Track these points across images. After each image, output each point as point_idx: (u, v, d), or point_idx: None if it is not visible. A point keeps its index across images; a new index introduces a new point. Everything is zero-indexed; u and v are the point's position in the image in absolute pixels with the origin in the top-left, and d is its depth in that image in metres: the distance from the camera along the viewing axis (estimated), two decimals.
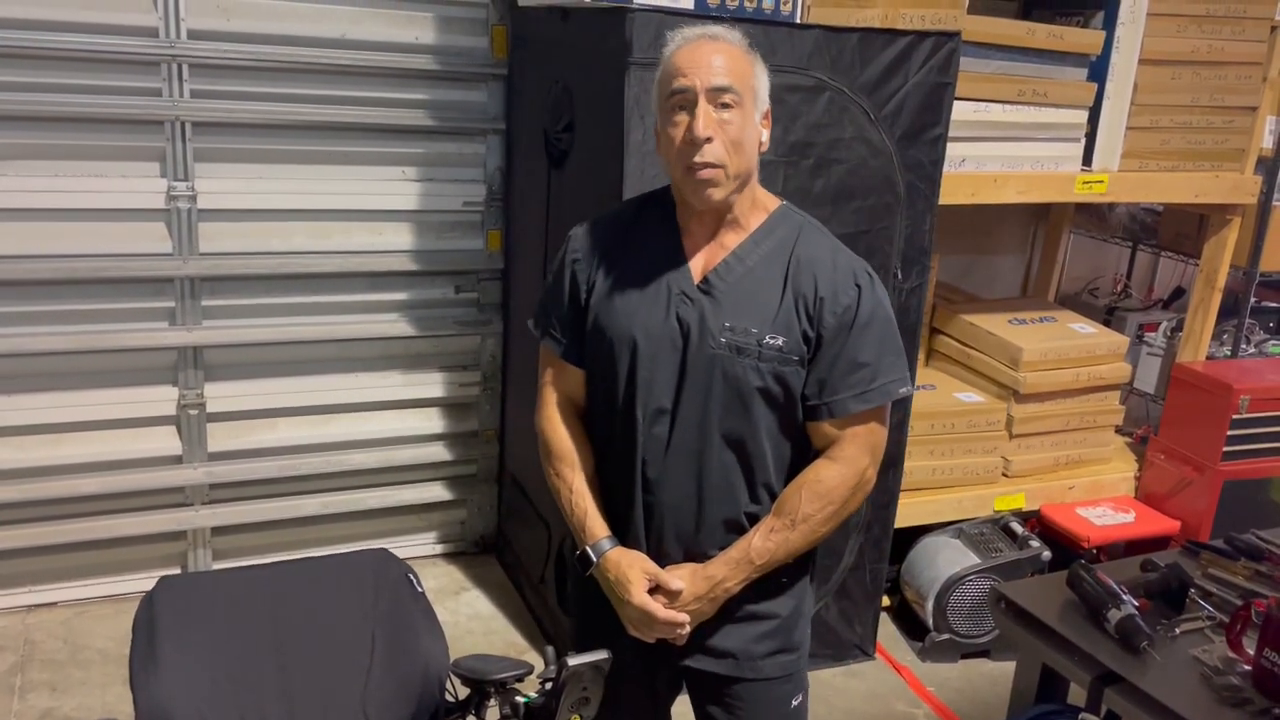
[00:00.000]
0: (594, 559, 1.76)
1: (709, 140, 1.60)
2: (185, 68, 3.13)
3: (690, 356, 1.69)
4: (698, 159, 1.60)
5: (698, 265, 1.72)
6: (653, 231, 1.77)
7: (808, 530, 1.71)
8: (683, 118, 1.62)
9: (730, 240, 1.72)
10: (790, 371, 1.68)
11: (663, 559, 1.76)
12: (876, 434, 1.75)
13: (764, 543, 1.71)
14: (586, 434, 1.84)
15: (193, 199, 3.22)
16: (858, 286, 1.69)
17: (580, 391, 1.84)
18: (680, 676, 1.89)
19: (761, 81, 1.68)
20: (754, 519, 1.75)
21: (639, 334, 1.70)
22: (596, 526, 1.77)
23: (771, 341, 1.67)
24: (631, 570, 1.73)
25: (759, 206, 1.74)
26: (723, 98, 1.61)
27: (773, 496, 1.75)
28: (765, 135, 1.70)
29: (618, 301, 1.73)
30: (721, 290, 1.69)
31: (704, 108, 1.60)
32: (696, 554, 1.75)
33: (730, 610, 1.77)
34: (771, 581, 1.78)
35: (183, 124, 3.15)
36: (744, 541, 1.72)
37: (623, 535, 1.78)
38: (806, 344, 1.68)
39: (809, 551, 1.80)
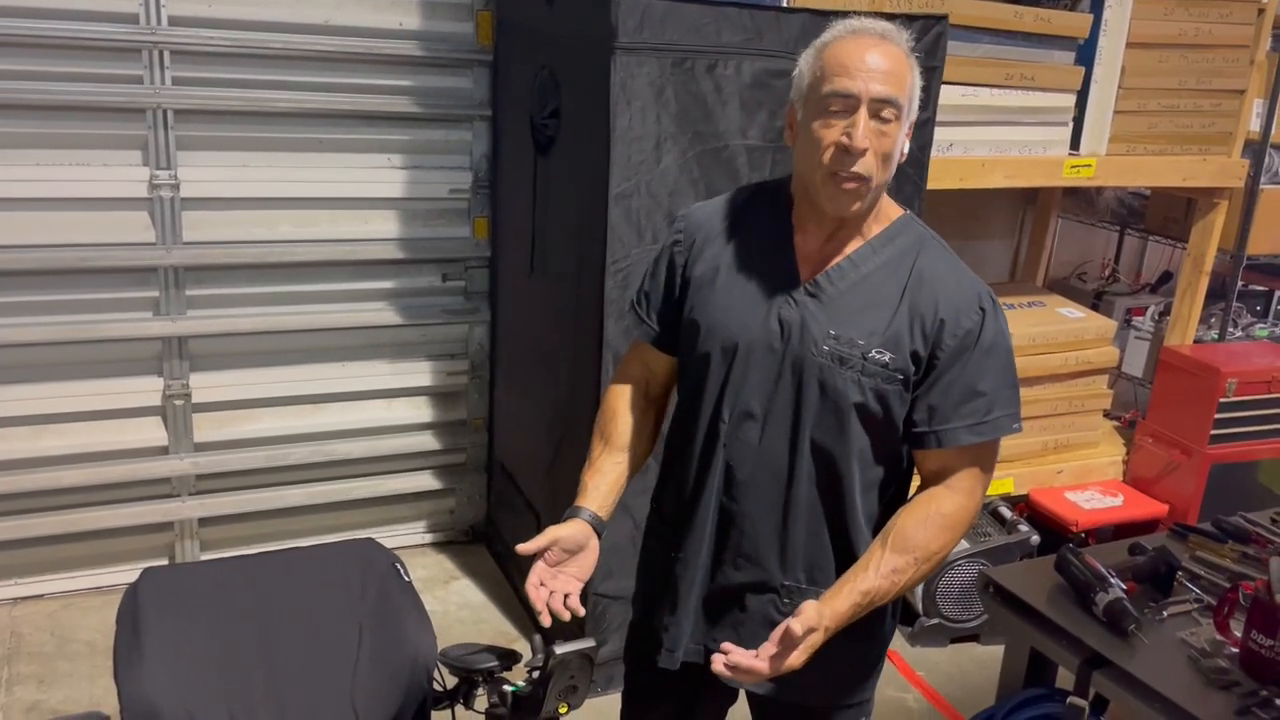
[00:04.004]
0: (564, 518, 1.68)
1: (864, 152, 1.48)
2: (166, 54, 3.09)
3: (787, 361, 1.58)
4: (851, 169, 1.49)
5: (807, 266, 1.61)
6: (762, 225, 1.66)
7: (930, 568, 1.58)
8: (838, 122, 1.49)
9: (846, 244, 1.61)
10: (893, 391, 1.56)
11: (724, 571, 1.68)
12: (990, 466, 1.63)
13: (883, 582, 1.54)
14: (644, 421, 1.78)
15: (176, 188, 3.19)
16: (981, 310, 1.57)
17: (661, 376, 1.79)
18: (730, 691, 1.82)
19: (916, 90, 1.55)
20: (840, 544, 1.64)
21: (736, 331, 1.61)
22: (584, 499, 1.69)
23: (877, 356, 1.55)
24: (556, 529, 1.63)
25: (881, 214, 1.63)
26: (884, 110, 1.48)
27: (855, 522, 1.63)
28: (907, 146, 1.58)
29: (717, 295, 1.64)
30: (830, 295, 1.59)
31: (864, 117, 1.48)
32: (766, 578, 1.66)
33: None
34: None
35: (165, 112, 3.12)
36: (855, 583, 1.54)
37: (683, 537, 1.70)
38: (915, 365, 1.56)
39: None
